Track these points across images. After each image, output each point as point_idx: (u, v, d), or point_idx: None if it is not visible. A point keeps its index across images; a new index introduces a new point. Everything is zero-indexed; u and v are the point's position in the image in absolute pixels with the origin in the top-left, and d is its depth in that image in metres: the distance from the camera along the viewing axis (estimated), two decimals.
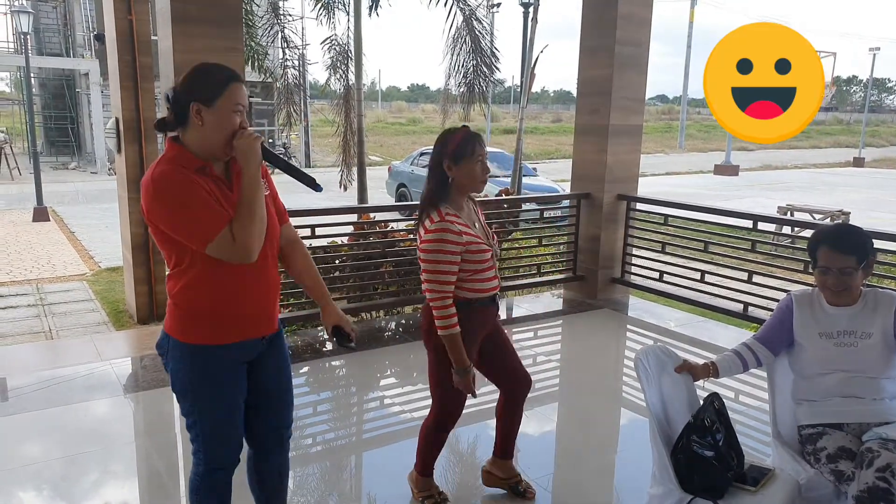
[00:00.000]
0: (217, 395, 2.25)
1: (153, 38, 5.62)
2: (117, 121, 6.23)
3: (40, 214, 13.69)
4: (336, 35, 11.77)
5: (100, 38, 21.12)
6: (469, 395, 2.86)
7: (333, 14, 11.61)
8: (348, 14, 11.74)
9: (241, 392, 2.31)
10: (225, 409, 2.28)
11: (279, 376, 2.42)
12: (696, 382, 2.74)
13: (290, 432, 2.53)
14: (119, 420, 3.99)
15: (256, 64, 11.58)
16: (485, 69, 11.44)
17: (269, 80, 12.62)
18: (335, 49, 11.76)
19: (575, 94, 6.93)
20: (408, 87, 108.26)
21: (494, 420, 3.17)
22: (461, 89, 11.52)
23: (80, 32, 24.87)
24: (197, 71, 2.17)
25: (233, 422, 2.31)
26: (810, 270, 4.92)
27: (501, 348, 3.03)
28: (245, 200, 2.10)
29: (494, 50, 11.82)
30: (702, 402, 2.55)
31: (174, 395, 2.29)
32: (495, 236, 3.01)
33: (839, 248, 2.59)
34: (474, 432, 3.84)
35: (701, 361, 2.77)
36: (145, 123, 6.25)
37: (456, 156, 2.71)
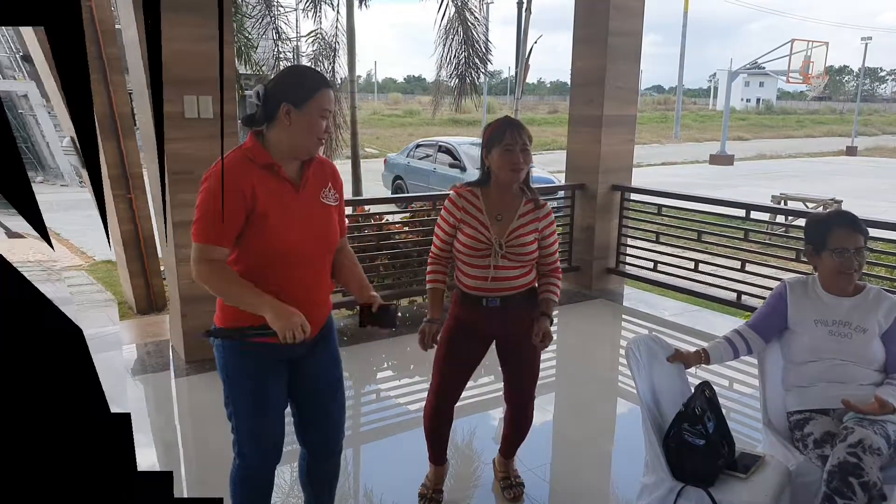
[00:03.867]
0: (251, 390, 2.23)
1: (117, 26, 5.31)
2: (73, 139, 6.02)
3: None
4: (322, 29, 11.75)
5: (27, 59, 19.15)
6: (452, 379, 2.88)
7: (320, 7, 11.59)
8: (336, 8, 11.71)
9: (280, 392, 2.30)
10: (259, 407, 2.25)
11: (326, 379, 2.41)
12: (687, 369, 2.76)
13: (339, 446, 2.50)
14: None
15: (244, 56, 11.50)
16: (477, 60, 11.40)
17: (259, 72, 12.55)
18: (319, 42, 11.76)
19: None
20: (404, 79, 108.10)
21: (493, 411, 3.15)
22: (454, 80, 11.48)
23: (2, 54, 22.94)
24: (289, 72, 2.25)
25: (267, 421, 2.27)
26: (803, 259, 4.97)
27: (511, 363, 2.97)
28: (245, 297, 2.10)
29: (488, 41, 11.77)
30: (693, 391, 2.57)
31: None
32: (522, 245, 2.70)
33: (857, 226, 2.60)
34: (475, 423, 3.86)
35: (693, 349, 2.79)
36: (120, 119, 5.97)
37: (489, 144, 2.66)
